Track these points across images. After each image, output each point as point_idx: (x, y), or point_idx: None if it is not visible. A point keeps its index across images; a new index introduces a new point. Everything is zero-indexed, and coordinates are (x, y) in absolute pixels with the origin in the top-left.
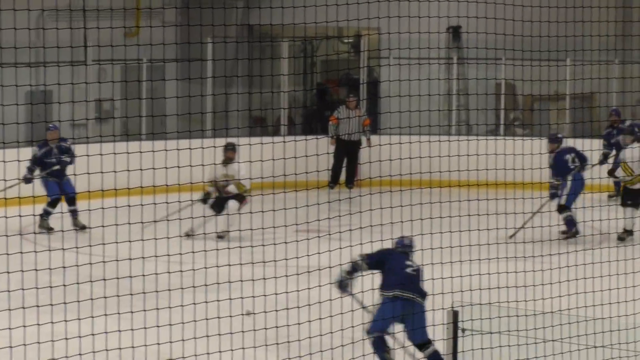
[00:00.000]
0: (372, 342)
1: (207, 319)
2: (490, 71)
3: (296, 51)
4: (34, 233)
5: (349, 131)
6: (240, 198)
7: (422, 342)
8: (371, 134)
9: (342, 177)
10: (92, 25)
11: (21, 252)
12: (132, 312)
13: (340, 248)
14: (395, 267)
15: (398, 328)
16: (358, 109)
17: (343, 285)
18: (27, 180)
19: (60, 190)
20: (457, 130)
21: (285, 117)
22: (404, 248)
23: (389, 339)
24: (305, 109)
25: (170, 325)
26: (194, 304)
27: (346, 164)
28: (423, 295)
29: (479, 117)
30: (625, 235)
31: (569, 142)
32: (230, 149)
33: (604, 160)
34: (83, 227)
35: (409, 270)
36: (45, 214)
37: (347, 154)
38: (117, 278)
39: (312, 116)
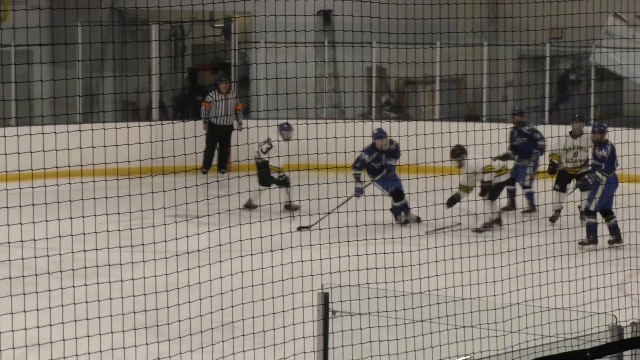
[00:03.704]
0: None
1: (74, 304)
2: (362, 54)
3: (166, 35)
4: None
5: (221, 114)
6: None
7: None
8: (243, 118)
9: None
10: None
11: None
12: None
13: (209, 231)
14: None
15: None
16: (230, 92)
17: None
18: None
19: None
20: (329, 114)
21: (156, 101)
22: None
23: None
24: (176, 93)
25: (37, 310)
26: (61, 289)
27: (218, 148)
28: None
29: (352, 101)
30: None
31: (442, 125)
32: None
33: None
34: None
35: None
36: None
37: (219, 138)
38: None
39: (183, 100)
